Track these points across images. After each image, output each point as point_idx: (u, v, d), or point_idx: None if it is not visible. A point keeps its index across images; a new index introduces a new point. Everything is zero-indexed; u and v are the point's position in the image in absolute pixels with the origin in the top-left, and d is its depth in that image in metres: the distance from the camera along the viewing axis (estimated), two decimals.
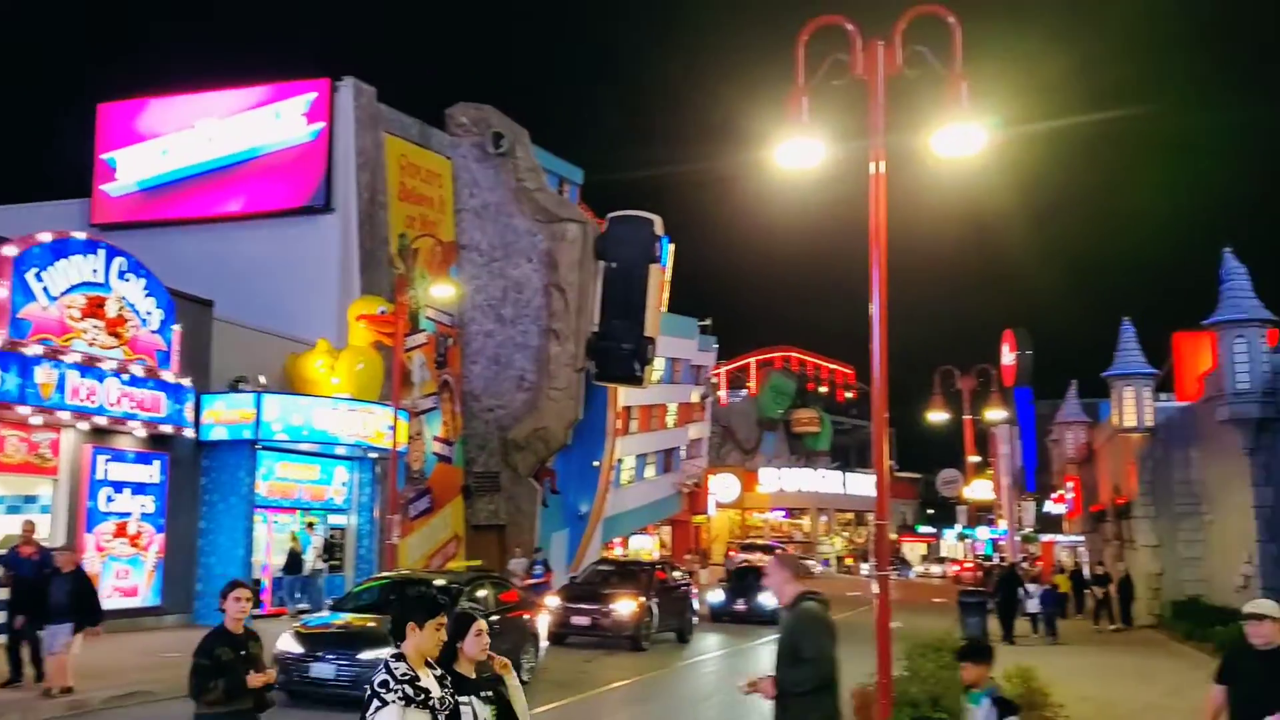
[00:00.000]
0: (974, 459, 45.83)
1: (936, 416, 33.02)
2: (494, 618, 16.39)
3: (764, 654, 22.41)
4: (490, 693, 5.41)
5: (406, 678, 4.88)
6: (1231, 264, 24.86)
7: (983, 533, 67.25)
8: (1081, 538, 48.85)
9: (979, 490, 56.62)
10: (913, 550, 78.44)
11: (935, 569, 69.06)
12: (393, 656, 5.00)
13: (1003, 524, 48.80)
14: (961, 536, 73.28)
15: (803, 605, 6.34)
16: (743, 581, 29.33)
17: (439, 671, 5.12)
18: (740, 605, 28.06)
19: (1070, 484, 47.45)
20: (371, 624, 14.51)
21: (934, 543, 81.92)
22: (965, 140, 9.16)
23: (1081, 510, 45.97)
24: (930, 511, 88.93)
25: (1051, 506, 56.20)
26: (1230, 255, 25.00)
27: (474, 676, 5.39)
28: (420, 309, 27.53)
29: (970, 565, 35.84)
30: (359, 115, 27.69)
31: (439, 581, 16.83)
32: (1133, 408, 30.92)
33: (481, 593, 16.56)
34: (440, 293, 24.86)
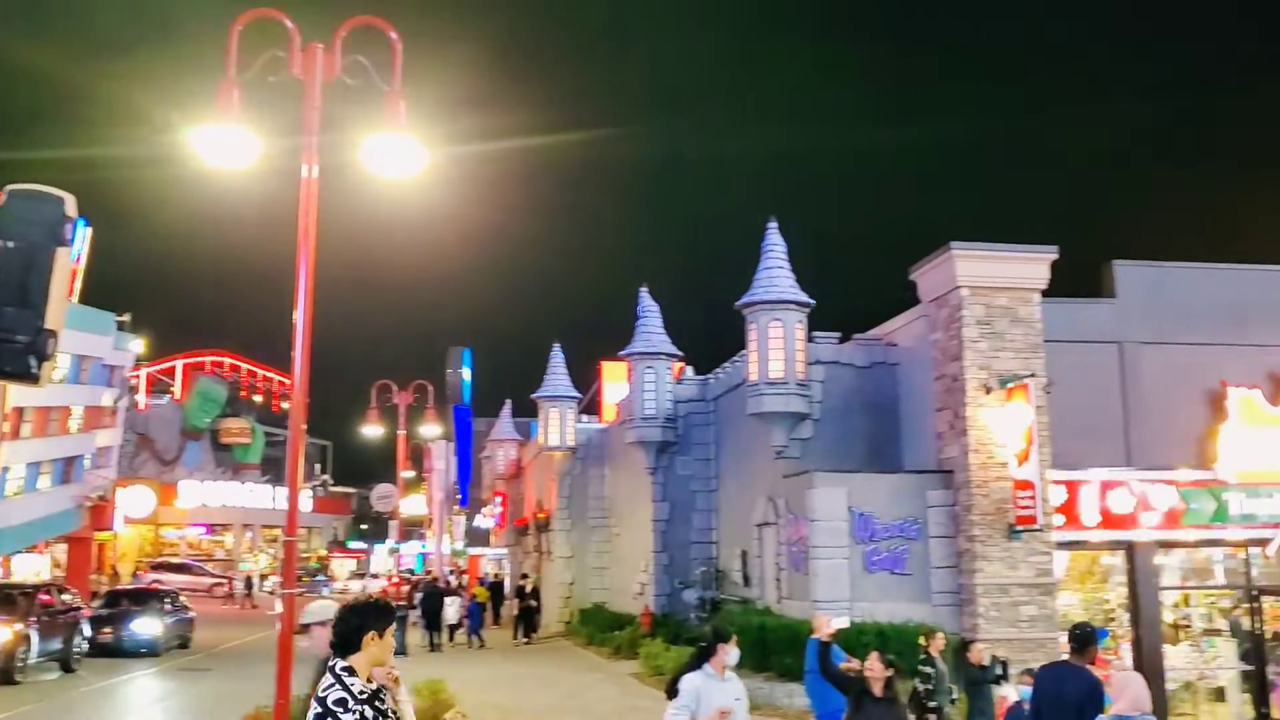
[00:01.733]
0: (409, 474, 46.35)
1: (372, 431, 32.83)
2: None
3: (126, 691, 20.39)
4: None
5: (365, 695, 4.52)
6: (647, 301, 27.41)
7: (413, 547, 68.27)
8: (506, 550, 51.23)
9: (413, 505, 57.30)
10: (343, 566, 77.55)
11: (355, 585, 68.86)
12: (343, 670, 4.55)
13: (434, 538, 49.82)
14: (393, 551, 73.84)
15: None
16: (114, 607, 25.67)
17: (375, 685, 4.72)
18: (106, 635, 24.06)
19: (499, 499, 49.62)
20: None
21: (365, 558, 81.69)
22: (405, 155, 9.14)
23: (507, 524, 48.22)
24: (364, 526, 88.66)
25: (482, 521, 58.42)
26: (645, 293, 27.55)
27: None
28: None
29: (396, 580, 35.97)
30: None
31: None
32: (557, 427, 33.00)
33: None
34: None
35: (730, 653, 7.46)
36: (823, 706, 11.09)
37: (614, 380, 35.67)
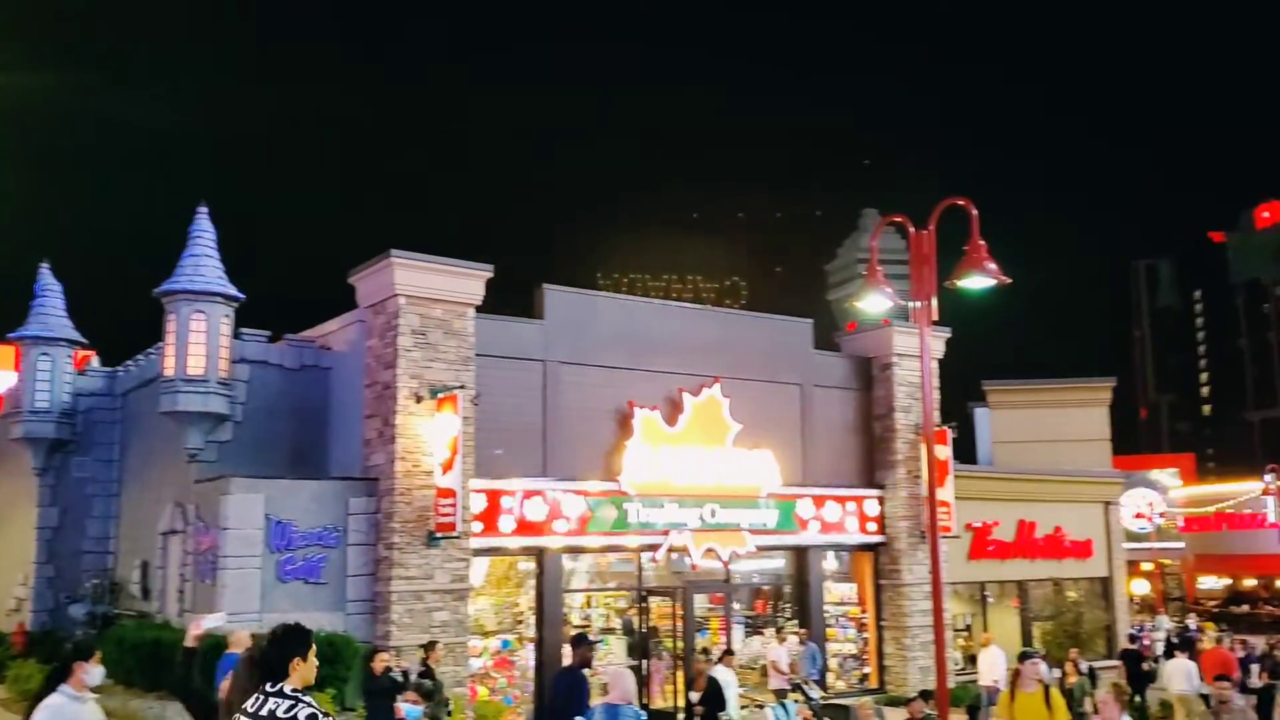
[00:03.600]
0: None
1: None
2: None
3: None
4: None
5: (327, 715, 4.70)
6: (47, 279, 24.20)
7: None
8: None
9: None
10: None
11: None
12: (294, 690, 4.72)
13: None
14: None
15: None
16: None
17: None
18: None
19: None
20: None
21: None
22: None
23: None
24: None
25: None
26: (47, 270, 24.31)
27: None
28: None
29: None
30: None
31: None
32: None
33: None
34: None
35: (91, 671, 6.88)
36: None
37: (3, 367, 31.14)
